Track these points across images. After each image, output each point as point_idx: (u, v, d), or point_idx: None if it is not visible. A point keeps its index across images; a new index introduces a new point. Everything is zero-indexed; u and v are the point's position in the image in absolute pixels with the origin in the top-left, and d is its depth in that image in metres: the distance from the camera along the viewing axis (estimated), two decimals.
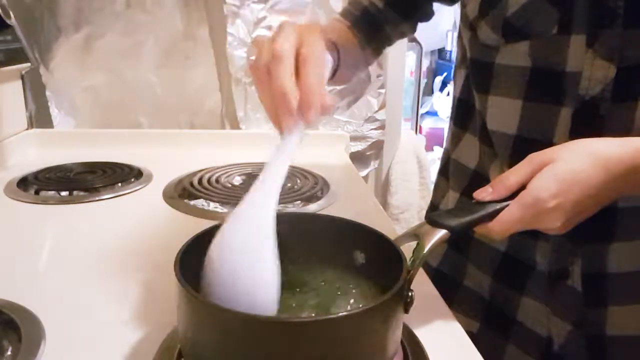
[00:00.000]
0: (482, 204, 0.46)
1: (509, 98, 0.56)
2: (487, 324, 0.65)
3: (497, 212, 0.45)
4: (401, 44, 1.47)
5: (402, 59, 1.49)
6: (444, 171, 0.72)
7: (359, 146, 1.36)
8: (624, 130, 0.50)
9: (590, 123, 0.51)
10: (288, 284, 0.48)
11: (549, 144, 0.47)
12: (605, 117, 0.50)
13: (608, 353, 0.57)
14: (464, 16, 0.61)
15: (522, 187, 0.45)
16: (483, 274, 0.64)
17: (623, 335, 0.56)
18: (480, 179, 0.62)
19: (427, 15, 0.74)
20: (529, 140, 0.55)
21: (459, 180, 0.67)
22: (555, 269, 0.57)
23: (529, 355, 0.61)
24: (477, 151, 0.63)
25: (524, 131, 0.56)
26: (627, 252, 0.54)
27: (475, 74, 0.61)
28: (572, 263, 0.55)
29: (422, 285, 0.57)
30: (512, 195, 0.45)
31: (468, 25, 0.60)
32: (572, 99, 0.52)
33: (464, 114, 0.66)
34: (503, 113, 0.57)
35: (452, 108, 0.70)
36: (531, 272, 0.59)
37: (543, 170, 0.44)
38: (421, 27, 0.79)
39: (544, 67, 0.53)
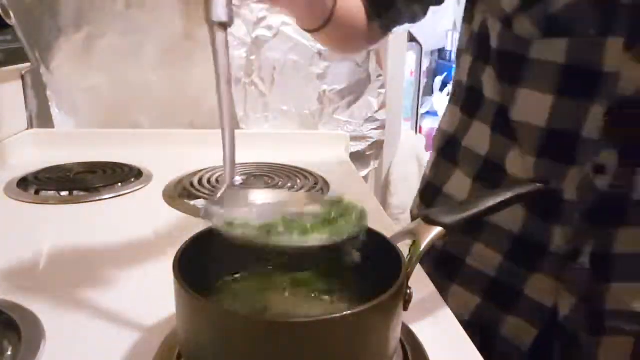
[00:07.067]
0: (476, 202, 0.48)
1: (539, 92, 0.57)
2: (489, 297, 0.66)
3: (492, 209, 0.45)
4: (401, 43, 1.47)
5: (402, 59, 1.49)
6: (445, 152, 0.72)
7: (359, 146, 1.36)
8: None
9: (626, 119, 0.54)
10: (287, 284, 0.49)
11: (577, 137, 0.53)
12: None
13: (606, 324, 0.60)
14: (496, 9, 0.61)
15: None
16: (495, 253, 0.65)
17: (620, 309, 0.59)
18: (492, 165, 0.64)
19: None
20: (558, 133, 0.57)
21: (470, 166, 0.68)
22: (570, 249, 0.59)
23: (530, 324, 0.63)
24: (488, 139, 0.64)
25: (554, 124, 0.57)
26: (632, 236, 0.57)
27: (503, 65, 0.62)
28: (584, 244, 0.58)
29: (419, 283, 0.58)
30: None
31: (502, 17, 0.60)
32: (607, 97, 0.54)
33: (474, 102, 0.67)
34: (532, 106, 0.58)
35: (457, 92, 0.70)
36: (543, 252, 0.61)
37: None
38: (421, 27, 0.78)
39: (579, 65, 0.55)
